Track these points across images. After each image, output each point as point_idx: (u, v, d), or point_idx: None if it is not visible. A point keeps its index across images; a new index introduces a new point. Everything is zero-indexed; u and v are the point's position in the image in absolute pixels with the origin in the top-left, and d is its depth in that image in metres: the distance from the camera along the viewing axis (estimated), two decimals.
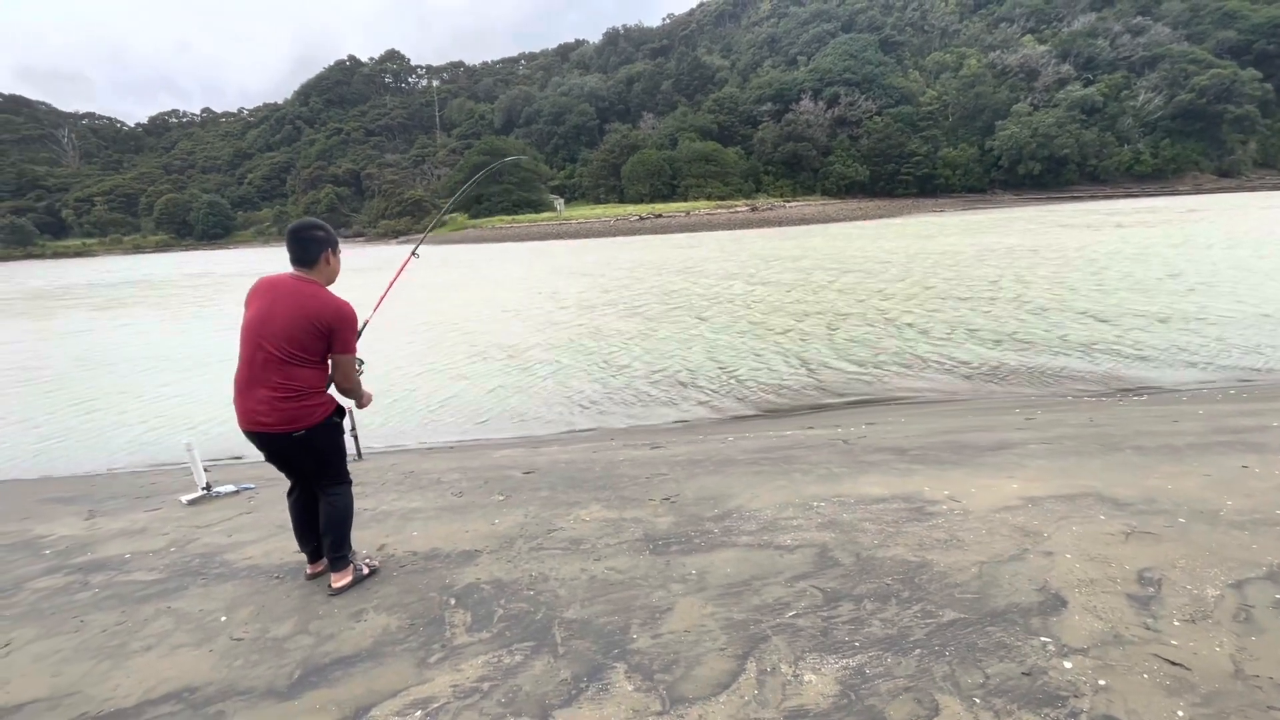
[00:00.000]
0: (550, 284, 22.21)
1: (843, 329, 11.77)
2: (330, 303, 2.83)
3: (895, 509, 3.72)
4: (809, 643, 2.48)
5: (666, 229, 60.30)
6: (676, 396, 8.45)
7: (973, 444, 5.05)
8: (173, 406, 9.27)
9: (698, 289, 18.40)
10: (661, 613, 2.76)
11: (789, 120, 79.93)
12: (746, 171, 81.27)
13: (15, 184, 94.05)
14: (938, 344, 10.29)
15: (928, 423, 6.26)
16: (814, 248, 30.21)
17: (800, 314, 13.53)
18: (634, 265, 27.19)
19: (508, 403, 8.58)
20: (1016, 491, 3.87)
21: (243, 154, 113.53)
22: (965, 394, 7.96)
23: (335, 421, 3.00)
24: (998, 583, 2.83)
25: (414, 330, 14.22)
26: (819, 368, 9.38)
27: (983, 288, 15.33)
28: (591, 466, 5.06)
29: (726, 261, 26.09)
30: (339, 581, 3.10)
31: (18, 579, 3.53)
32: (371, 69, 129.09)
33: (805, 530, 3.49)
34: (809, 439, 5.63)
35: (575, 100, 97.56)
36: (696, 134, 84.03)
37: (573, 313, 15.59)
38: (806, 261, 24.06)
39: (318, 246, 2.92)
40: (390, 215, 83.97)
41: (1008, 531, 3.32)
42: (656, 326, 13.16)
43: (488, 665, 2.46)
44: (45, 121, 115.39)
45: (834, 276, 19.20)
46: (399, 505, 4.36)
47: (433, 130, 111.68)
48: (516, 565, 3.29)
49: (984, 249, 24.16)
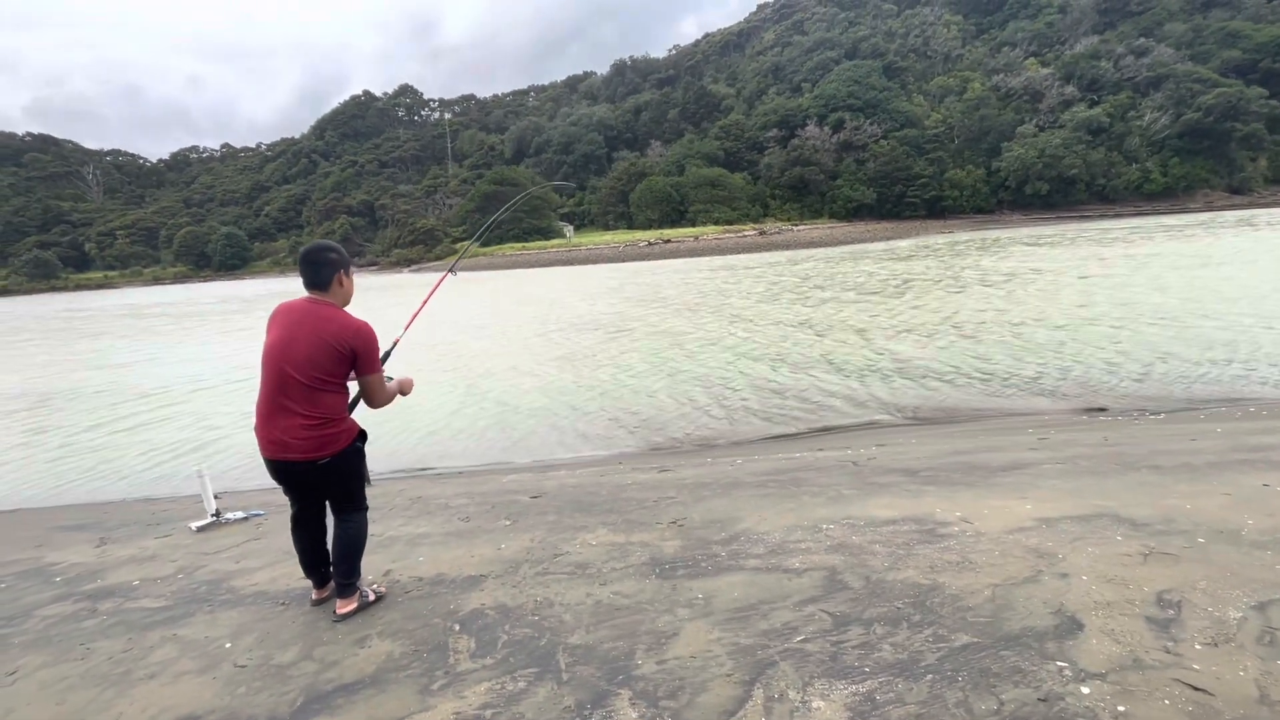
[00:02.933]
0: (553, 306, 22.38)
1: (850, 350, 11.73)
2: (350, 324, 2.83)
3: (906, 531, 3.66)
4: (818, 668, 2.43)
5: (675, 253, 60.81)
6: (684, 418, 8.42)
7: (984, 465, 4.97)
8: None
9: (700, 313, 18.45)
10: (667, 638, 2.72)
11: (795, 146, 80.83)
12: (754, 196, 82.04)
13: (41, 219, 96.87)
14: (946, 364, 10.22)
15: (938, 444, 6.19)
16: (838, 274, 30.27)
17: (817, 333, 13.52)
18: (654, 286, 27.36)
19: (519, 427, 8.59)
20: (1030, 512, 3.80)
21: (260, 187, 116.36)
22: (976, 413, 7.87)
23: (359, 447, 2.99)
24: (1012, 606, 2.76)
25: (426, 356, 14.34)
26: (828, 390, 9.32)
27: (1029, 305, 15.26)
28: (599, 490, 5.03)
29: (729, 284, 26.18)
30: (345, 608, 3.08)
31: (27, 606, 3.54)
32: (385, 103, 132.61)
33: (814, 553, 3.44)
34: (818, 461, 5.57)
35: (584, 130, 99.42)
36: (703, 160, 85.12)
37: (567, 334, 15.68)
38: (818, 279, 24.11)
39: (330, 269, 2.90)
40: (403, 244, 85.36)
41: (1021, 553, 3.25)
42: (662, 348, 13.19)
43: (491, 692, 2.43)
44: (71, 159, 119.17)
45: (835, 294, 19.21)
46: (406, 530, 4.36)
47: (445, 161, 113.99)
48: (522, 590, 3.26)
49: (1069, 265, 24.11)
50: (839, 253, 43.69)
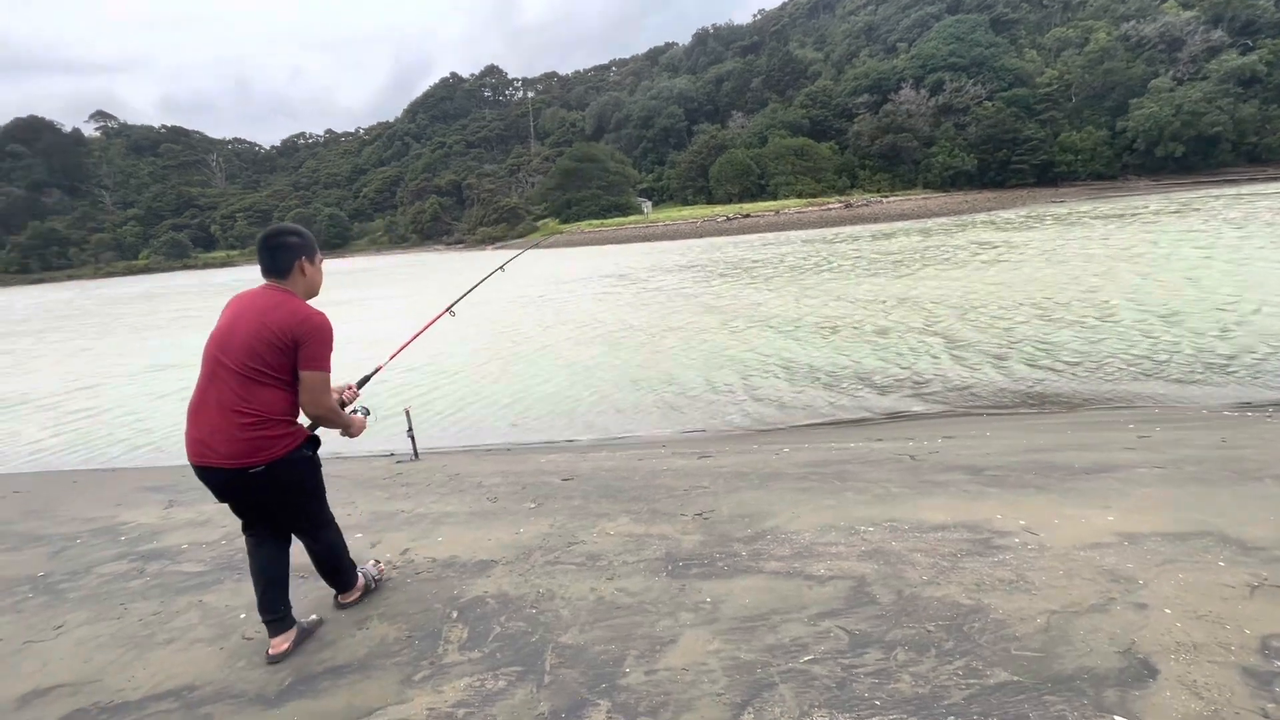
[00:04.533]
0: (617, 281, 22.28)
1: (943, 330, 10.86)
2: (297, 311, 2.45)
3: (955, 539, 3.25)
4: (820, 695, 2.16)
5: (755, 228, 59.13)
6: (744, 401, 8.09)
7: (1065, 465, 4.38)
8: None
9: (772, 295, 17.75)
10: (663, 645, 2.52)
11: (887, 111, 75.96)
12: (840, 167, 78.18)
13: (175, 204, 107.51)
14: (1043, 347, 9.23)
15: (1016, 438, 5.55)
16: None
17: (907, 311, 12.66)
18: (731, 261, 26.76)
19: (573, 404, 8.57)
20: (1111, 525, 3.28)
21: (359, 169, 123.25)
22: (1064, 403, 7.05)
23: (306, 455, 2.57)
24: (1069, 639, 2.35)
25: (480, 334, 14.67)
26: (904, 373, 8.67)
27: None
28: (632, 475, 4.87)
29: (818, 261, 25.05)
30: (348, 598, 2.99)
31: (90, 563, 3.84)
32: (472, 84, 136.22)
33: (844, 559, 3.12)
34: (872, 453, 5.14)
35: (664, 103, 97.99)
36: (787, 130, 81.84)
37: (633, 309, 15.49)
38: (906, 251, 22.62)
39: (288, 254, 2.55)
40: (487, 223, 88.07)
41: (1092, 574, 2.79)
42: (734, 327, 12.78)
43: (469, 689, 2.33)
44: (198, 148, 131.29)
45: (931, 267, 17.88)
46: (435, 508, 4.38)
47: (528, 139, 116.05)
48: (527, 579, 3.16)
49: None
50: (935, 225, 40.84)
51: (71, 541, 4.28)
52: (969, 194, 68.05)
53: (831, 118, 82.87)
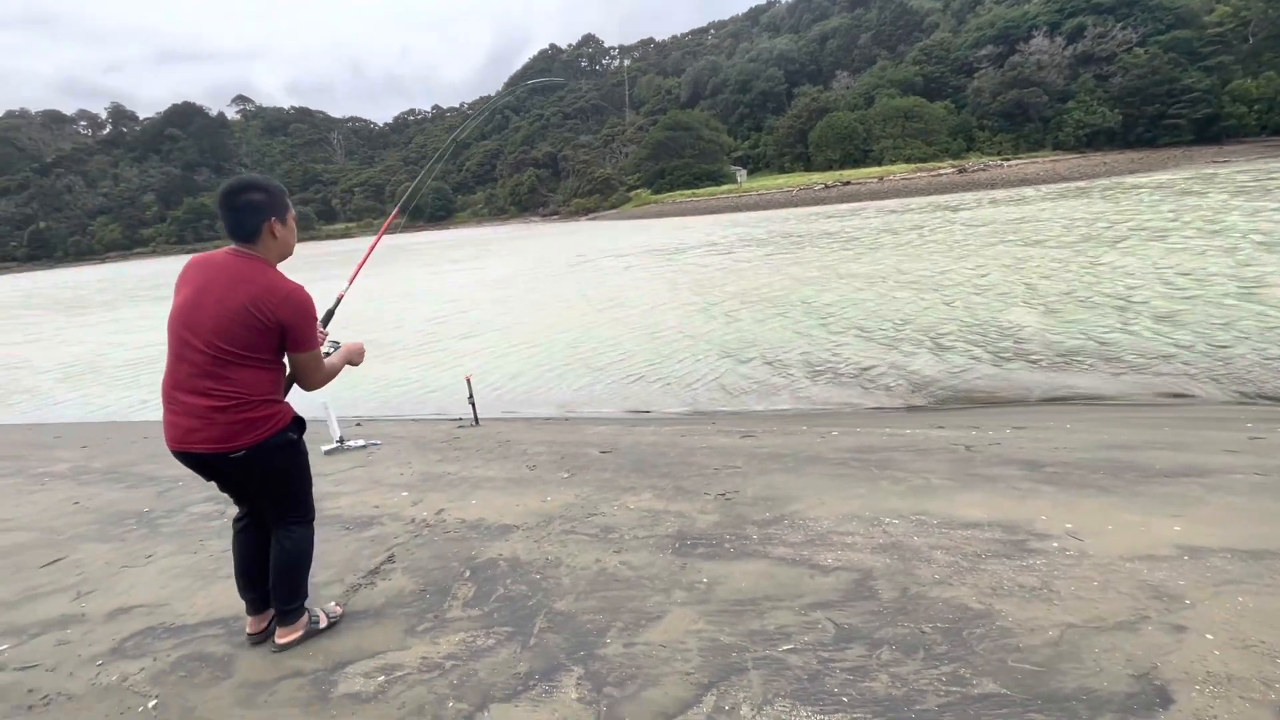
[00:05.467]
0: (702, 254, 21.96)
1: (1054, 308, 9.95)
2: (278, 288, 2.18)
3: (986, 539, 3.03)
4: (788, 686, 2.13)
5: (855, 196, 56.08)
6: (797, 381, 7.85)
7: (1144, 465, 3.93)
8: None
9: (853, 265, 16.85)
10: (649, 620, 2.57)
11: (1014, 64, 68.75)
12: (956, 128, 72.04)
13: (302, 180, 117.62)
14: (1170, 329, 8.22)
15: (1099, 432, 5.03)
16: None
17: (1023, 286, 11.71)
18: (831, 234, 25.75)
19: (641, 375, 8.69)
20: (1175, 536, 2.93)
21: (462, 144, 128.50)
22: (1174, 398, 6.27)
23: (291, 438, 2.35)
24: (1078, 656, 2.16)
25: (551, 305, 15.03)
26: (995, 355, 8.04)
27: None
28: (669, 451, 4.90)
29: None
30: (285, 637, 2.50)
31: (185, 503, 4.42)
32: (569, 55, 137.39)
33: (857, 550, 3.01)
34: (926, 440, 4.85)
35: (763, 65, 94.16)
36: (897, 90, 76.26)
37: (722, 279, 15.25)
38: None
39: (254, 214, 2.21)
40: (581, 194, 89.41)
41: (1131, 588, 2.52)
42: (826, 302, 12.33)
43: (461, 644, 2.50)
44: (321, 127, 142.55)
45: (1069, 239, 16.27)
46: (477, 473, 4.64)
47: (623, 109, 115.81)
48: (540, 546, 3.30)
49: None
50: (1066, 189, 36.90)
51: (175, 484, 4.93)
52: (1108, 154, 60.55)
53: (948, 74, 76.26)
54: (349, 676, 2.36)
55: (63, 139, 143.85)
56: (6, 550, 3.83)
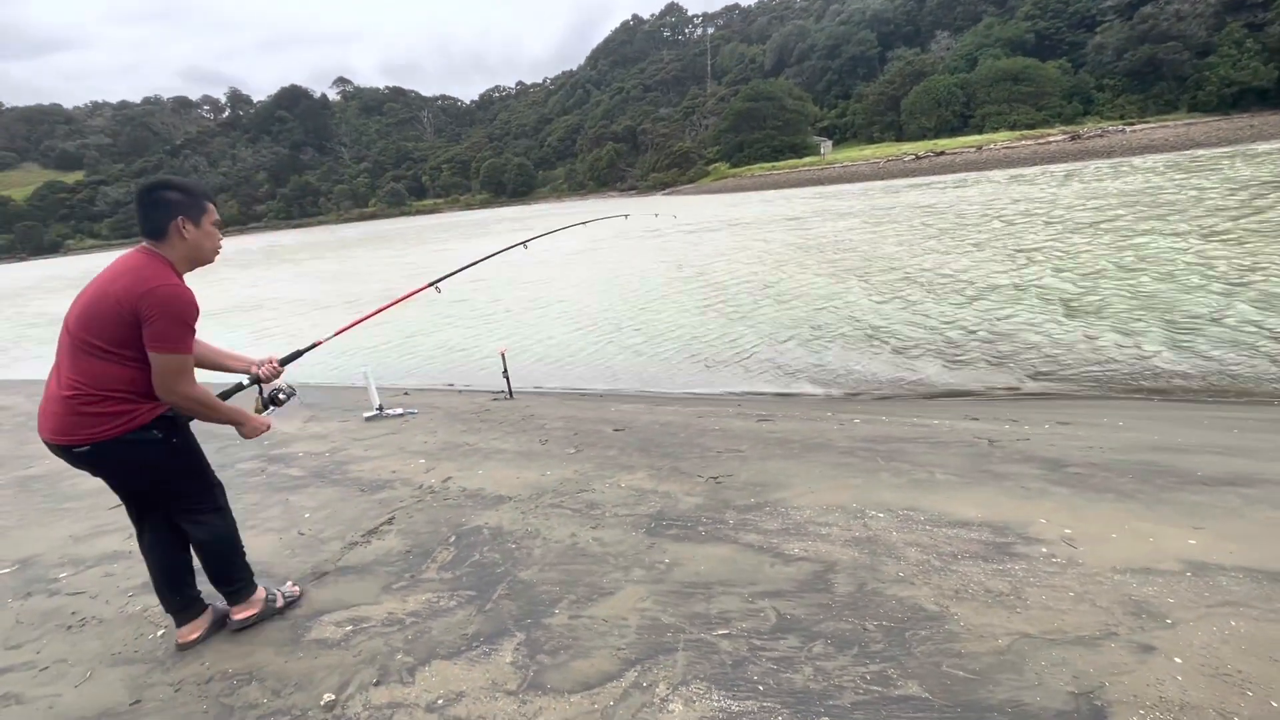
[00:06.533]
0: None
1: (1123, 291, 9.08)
2: (147, 280, 2.08)
3: (969, 539, 2.89)
4: (709, 669, 2.16)
5: (949, 168, 52.50)
6: (836, 367, 7.59)
7: (1185, 470, 3.58)
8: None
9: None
10: (601, 595, 2.66)
11: (1146, 15, 61.51)
12: (1071, 90, 65.74)
13: (395, 157, 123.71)
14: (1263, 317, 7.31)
15: (1150, 431, 4.59)
16: None
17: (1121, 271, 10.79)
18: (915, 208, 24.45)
19: (681, 357, 8.71)
20: (1185, 550, 2.68)
21: (544, 119, 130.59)
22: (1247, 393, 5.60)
23: (154, 438, 2.21)
24: (1020, 667, 2.06)
25: (612, 278, 15.12)
26: (1072, 344, 7.47)
27: None
28: (679, 432, 4.93)
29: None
30: (241, 614, 2.55)
31: (234, 459, 4.91)
32: (652, 25, 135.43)
33: (828, 542, 2.95)
34: (948, 433, 4.61)
35: (854, 28, 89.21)
36: (1004, 50, 70.33)
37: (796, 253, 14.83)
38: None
39: (161, 212, 2.18)
40: (660, 168, 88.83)
41: (1110, 602, 2.35)
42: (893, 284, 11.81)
43: (425, 603, 2.70)
44: (413, 105, 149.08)
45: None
46: (493, 444, 4.86)
47: (704, 80, 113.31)
48: (525, 518, 3.45)
49: None
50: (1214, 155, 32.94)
51: (230, 441, 5.47)
52: (1257, 116, 53.22)
53: (1065, 29, 69.49)
54: (322, 624, 2.61)
55: (189, 122, 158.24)
56: (87, 492, 4.43)
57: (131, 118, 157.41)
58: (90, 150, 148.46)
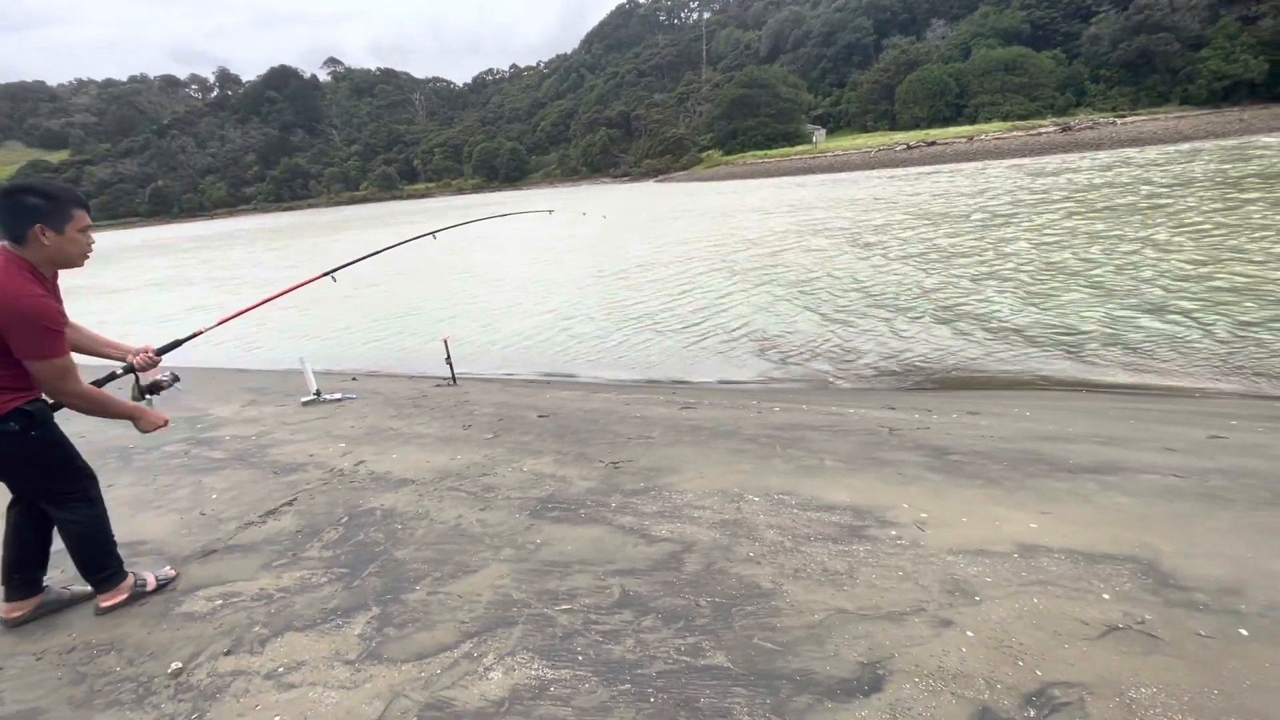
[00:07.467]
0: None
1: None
2: (3, 289, 2.12)
3: (829, 522, 3.03)
4: (540, 640, 2.29)
5: (940, 158, 52.51)
6: (791, 356, 7.73)
7: (1059, 459, 3.73)
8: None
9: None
10: (465, 573, 2.79)
11: (1142, 5, 61.29)
12: (1065, 81, 65.66)
13: (386, 140, 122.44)
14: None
15: (1050, 422, 4.74)
16: None
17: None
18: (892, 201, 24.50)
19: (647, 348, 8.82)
20: (1024, 534, 2.83)
21: (538, 103, 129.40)
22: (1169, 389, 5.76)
23: (10, 429, 2.26)
24: (824, 640, 2.20)
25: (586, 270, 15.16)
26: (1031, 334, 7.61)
27: None
28: (602, 418, 5.05)
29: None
30: (107, 602, 2.63)
31: (163, 442, 5.00)
32: (647, 9, 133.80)
33: (696, 524, 3.08)
34: (857, 421, 4.74)
35: (850, 14, 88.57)
36: (998, 39, 70.09)
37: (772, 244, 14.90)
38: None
39: (21, 217, 2.18)
40: (653, 154, 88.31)
41: (932, 581, 2.50)
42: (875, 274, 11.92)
43: (297, 580, 2.82)
44: (405, 88, 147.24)
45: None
46: (417, 429, 4.97)
47: (699, 65, 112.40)
48: (420, 500, 3.57)
49: None
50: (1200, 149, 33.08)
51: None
52: (1246, 110, 53.31)
53: (1060, 19, 69.30)
54: (195, 599, 2.73)
55: (177, 102, 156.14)
56: None
57: (118, 96, 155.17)
58: (76, 129, 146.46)
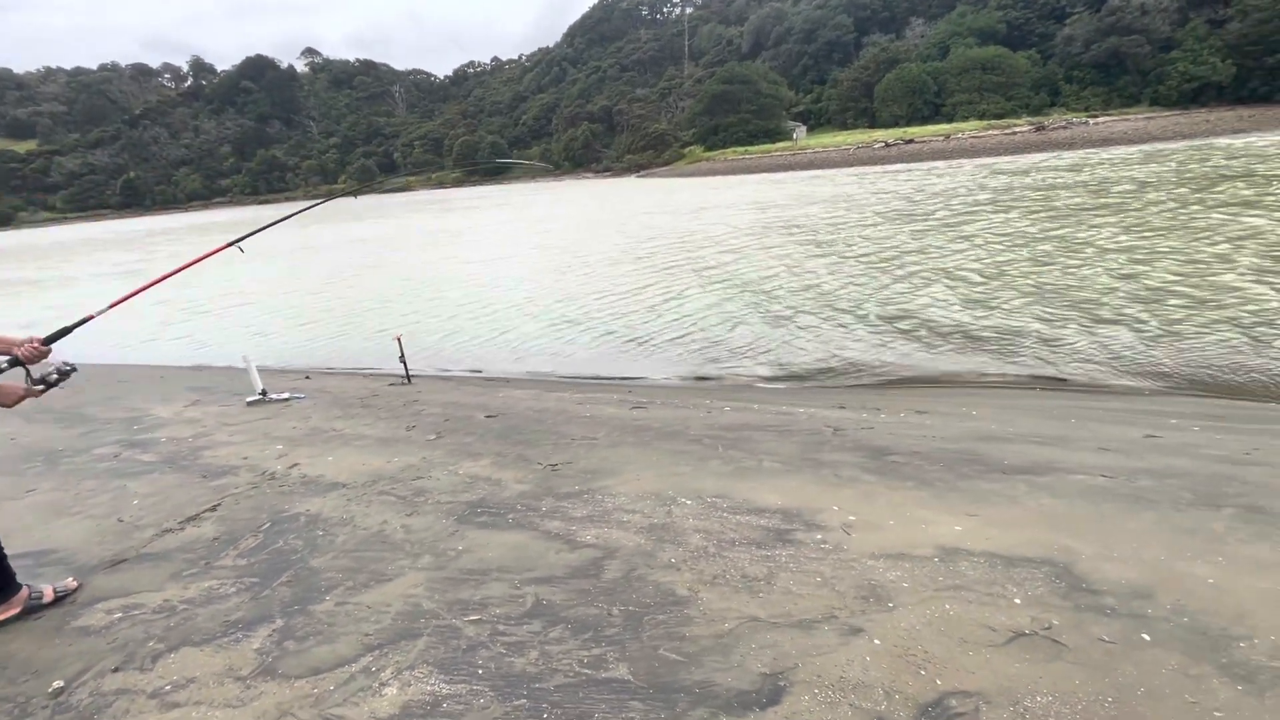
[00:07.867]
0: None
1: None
2: None
3: (756, 525, 3.00)
4: (441, 653, 2.23)
5: (917, 156, 53.03)
6: (765, 354, 7.72)
7: (994, 459, 3.74)
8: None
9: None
10: (379, 582, 2.71)
11: (1114, 7, 62.23)
12: (1039, 81, 66.52)
13: (366, 133, 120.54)
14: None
15: (993, 421, 4.77)
16: None
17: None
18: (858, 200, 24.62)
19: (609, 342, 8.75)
20: (948, 536, 2.82)
21: (520, 97, 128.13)
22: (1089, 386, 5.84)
23: None
24: (730, 651, 2.16)
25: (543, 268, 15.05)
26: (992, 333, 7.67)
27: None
28: (550, 418, 4.98)
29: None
30: (3, 614, 2.59)
31: (94, 445, 4.85)
32: (630, 3, 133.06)
33: (623, 529, 3.04)
34: (805, 421, 4.73)
35: (831, 12, 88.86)
36: (976, 39, 70.76)
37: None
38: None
39: None
40: (635, 150, 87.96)
41: (848, 587, 2.47)
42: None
43: (205, 591, 2.72)
44: (385, 80, 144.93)
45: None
46: (359, 430, 4.86)
47: (681, 61, 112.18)
48: (348, 506, 3.48)
49: None
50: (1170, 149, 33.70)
51: (103, 425, 5.40)
52: (1214, 111, 54.52)
53: (1036, 20, 70.12)
54: (94, 612, 2.62)
55: (149, 91, 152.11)
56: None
57: (87, 85, 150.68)
58: (44, 118, 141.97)
